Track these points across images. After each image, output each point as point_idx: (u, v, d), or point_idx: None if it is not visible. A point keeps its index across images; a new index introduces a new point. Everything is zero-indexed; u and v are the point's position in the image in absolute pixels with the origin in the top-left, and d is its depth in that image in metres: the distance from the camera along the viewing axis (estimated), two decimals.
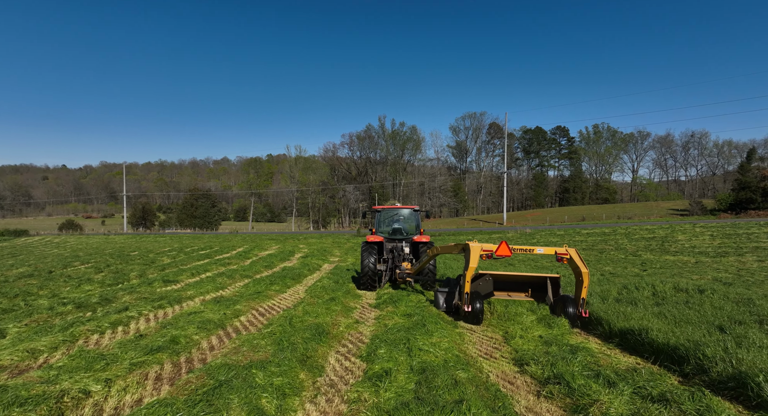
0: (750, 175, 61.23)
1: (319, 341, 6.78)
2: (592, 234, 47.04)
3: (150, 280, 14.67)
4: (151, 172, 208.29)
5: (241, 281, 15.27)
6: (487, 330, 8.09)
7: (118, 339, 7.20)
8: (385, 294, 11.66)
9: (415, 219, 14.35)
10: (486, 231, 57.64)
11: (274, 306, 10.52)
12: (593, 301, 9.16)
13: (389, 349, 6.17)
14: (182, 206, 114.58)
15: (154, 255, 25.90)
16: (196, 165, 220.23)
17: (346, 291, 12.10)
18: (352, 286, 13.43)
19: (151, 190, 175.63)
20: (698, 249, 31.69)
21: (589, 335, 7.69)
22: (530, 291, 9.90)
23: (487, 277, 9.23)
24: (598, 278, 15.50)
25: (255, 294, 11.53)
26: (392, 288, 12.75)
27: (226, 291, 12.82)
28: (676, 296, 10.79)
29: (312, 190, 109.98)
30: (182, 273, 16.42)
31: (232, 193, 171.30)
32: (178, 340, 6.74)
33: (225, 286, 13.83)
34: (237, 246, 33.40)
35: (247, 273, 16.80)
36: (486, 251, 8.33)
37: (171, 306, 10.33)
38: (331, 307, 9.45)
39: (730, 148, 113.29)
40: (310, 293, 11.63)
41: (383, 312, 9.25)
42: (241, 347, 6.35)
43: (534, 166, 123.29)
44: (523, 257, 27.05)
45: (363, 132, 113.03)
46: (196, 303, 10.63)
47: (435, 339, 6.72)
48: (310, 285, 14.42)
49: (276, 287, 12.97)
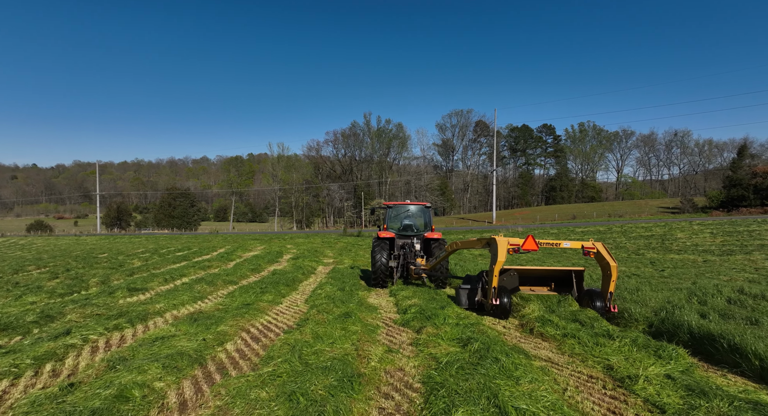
0: (741, 172, 60.75)
1: (350, 390, 4.39)
2: (587, 232, 45.88)
3: (112, 289, 11.98)
4: (128, 172, 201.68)
5: (225, 288, 12.72)
6: (575, 361, 5.80)
7: (33, 392, 4.62)
8: (407, 303, 9.36)
9: (426, 215, 14.18)
10: (476, 231, 56.01)
11: (270, 324, 8.03)
12: (680, 314, 7.10)
13: (468, 410, 3.84)
14: (159, 206, 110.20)
15: (124, 258, 23.01)
16: (174, 164, 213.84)
17: (358, 301, 9.67)
18: (362, 295, 11.00)
19: (128, 189, 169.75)
20: (701, 247, 30.36)
21: (723, 371, 5.51)
22: (553, 285, 9.78)
23: (512, 272, 9.17)
24: (635, 283, 13.40)
25: (243, 307, 9.04)
26: (404, 285, 12.47)
27: (205, 303, 10.29)
28: (760, 304, 8.83)
29: (295, 189, 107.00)
30: (153, 279, 13.76)
31: (212, 192, 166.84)
32: (128, 395, 4.25)
33: (204, 296, 11.26)
34: (218, 247, 30.57)
35: (231, 278, 14.23)
36: (513, 245, 8.15)
37: (132, 326, 7.76)
38: (347, 327, 7.05)
39: (711, 147, 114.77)
40: (313, 305, 9.21)
41: (421, 334, 6.85)
42: (230, 408, 3.94)
43: (520, 164, 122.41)
44: (524, 253, 25.23)
45: (348, 129, 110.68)
46: (166, 322, 8.09)
47: (525, 385, 4.43)
48: (309, 292, 11.98)
49: (269, 296, 10.49)
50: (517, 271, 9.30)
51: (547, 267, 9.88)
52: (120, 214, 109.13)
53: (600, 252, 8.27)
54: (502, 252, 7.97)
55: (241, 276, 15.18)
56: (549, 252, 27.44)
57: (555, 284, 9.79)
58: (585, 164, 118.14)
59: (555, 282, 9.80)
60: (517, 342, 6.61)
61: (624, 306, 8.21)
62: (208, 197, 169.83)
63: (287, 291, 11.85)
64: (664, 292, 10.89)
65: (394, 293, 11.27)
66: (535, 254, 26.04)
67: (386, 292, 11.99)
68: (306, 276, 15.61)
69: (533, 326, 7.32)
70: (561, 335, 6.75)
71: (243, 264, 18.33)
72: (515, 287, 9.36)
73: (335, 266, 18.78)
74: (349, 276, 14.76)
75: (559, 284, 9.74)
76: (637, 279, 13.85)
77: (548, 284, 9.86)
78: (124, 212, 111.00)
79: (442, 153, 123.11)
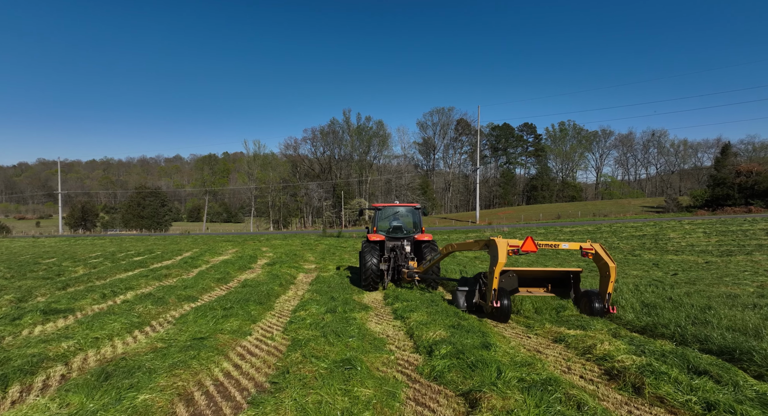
0: (725, 171, 60.27)
1: None
2: (576, 232, 44.35)
3: (24, 310, 8.88)
4: (96, 170, 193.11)
5: (178, 308, 9.79)
6: None
7: None
8: (427, 334, 6.70)
9: (416, 216, 14.01)
10: (461, 230, 53.99)
11: (228, 382, 5.15)
12: None
13: None
14: (128, 205, 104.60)
15: (69, 264, 19.65)
16: (146, 163, 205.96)
17: (358, 331, 6.90)
18: (360, 318, 8.20)
19: (96, 189, 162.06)
20: (698, 247, 28.86)
21: None
22: (549, 287, 9.65)
23: (511, 274, 9.13)
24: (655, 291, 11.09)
25: (193, 343, 6.18)
26: (397, 287, 12.23)
27: (143, 335, 7.38)
28: None
29: (272, 188, 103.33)
30: (88, 295, 10.71)
31: (185, 192, 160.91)
32: None
33: (145, 322, 8.30)
34: (185, 250, 27.30)
35: (189, 292, 11.29)
36: (512, 247, 8.00)
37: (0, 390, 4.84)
38: (353, 390, 4.31)
39: (686, 147, 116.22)
40: (295, 340, 6.43)
41: (478, 408, 4.16)
42: None
43: (502, 163, 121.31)
44: (523, 255, 22.98)
45: (327, 126, 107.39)
46: (60, 381, 5.20)
47: None
48: (288, 313, 9.19)
49: (233, 323, 7.66)
50: (516, 273, 9.20)
51: (544, 269, 9.74)
52: (85, 215, 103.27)
53: (598, 253, 8.24)
54: (502, 254, 7.80)
55: (204, 288, 12.24)
56: (542, 253, 25.34)
57: (551, 285, 9.61)
58: (565, 164, 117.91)
59: (551, 284, 9.62)
60: None
61: (728, 340, 5.76)
62: (182, 197, 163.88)
63: (259, 313, 9.00)
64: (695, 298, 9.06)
65: (399, 314, 8.64)
66: (528, 255, 23.98)
67: (389, 312, 9.30)
68: (284, 287, 12.77)
69: (639, 382, 4.77)
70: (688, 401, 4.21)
71: (208, 273, 15.34)
72: (514, 288, 9.25)
73: (318, 274, 15.96)
74: (338, 287, 12.01)
75: (555, 285, 9.56)
76: (680, 290, 11.51)
77: (545, 285, 9.68)
78: (90, 212, 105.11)
79: (423, 152, 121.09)
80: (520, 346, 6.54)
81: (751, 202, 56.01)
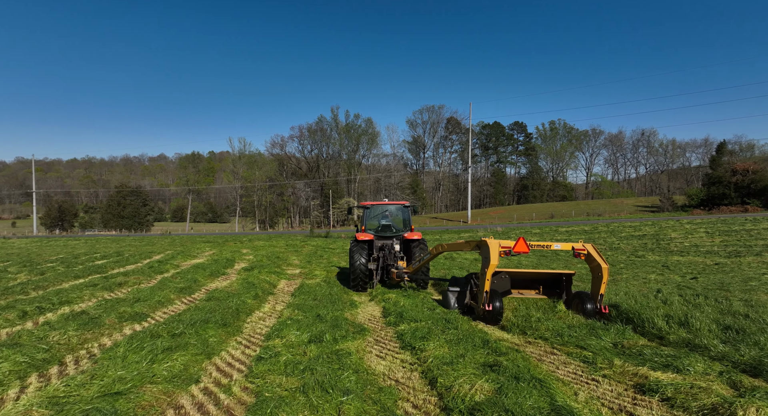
0: (721, 170, 59.19)
1: None
2: (572, 232, 42.69)
3: None
4: (77, 169, 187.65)
5: (113, 334, 7.40)
6: None
7: None
8: (460, 389, 4.53)
9: (405, 215, 13.82)
10: (453, 230, 52.15)
11: None
12: None
13: None
14: (107, 205, 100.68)
15: (17, 268, 17.07)
16: (129, 162, 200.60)
17: (356, 379, 4.66)
18: (354, 351, 5.94)
19: (77, 188, 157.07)
20: (703, 248, 27.16)
21: None
22: (541, 289, 9.53)
23: (503, 275, 9.04)
24: (705, 301, 9.05)
25: (93, 412, 3.92)
26: (384, 288, 11.90)
27: (34, 386, 5.03)
28: None
29: (258, 187, 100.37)
30: (2, 312, 8.32)
31: (169, 191, 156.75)
32: None
33: (55, 358, 5.84)
34: (157, 252, 24.75)
35: (139, 308, 8.93)
36: (504, 248, 7.81)
37: None
38: None
39: (674, 147, 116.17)
40: (260, 396, 4.19)
41: None
42: None
43: (492, 162, 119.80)
44: (515, 256, 20.99)
45: (315, 124, 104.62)
46: None
47: None
48: (260, 339, 6.92)
49: (178, 359, 5.37)
50: (509, 274, 9.14)
51: (536, 270, 9.66)
52: (62, 214, 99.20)
53: (591, 253, 8.23)
54: (494, 256, 7.72)
55: (160, 302, 9.88)
56: (542, 255, 23.45)
57: (543, 287, 9.54)
58: (556, 163, 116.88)
59: (543, 285, 9.56)
60: None
61: None
62: (166, 196, 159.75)
63: (220, 341, 6.68)
64: None
65: (408, 342, 6.44)
66: (528, 257, 22.12)
67: (394, 337, 7.07)
68: (260, 300, 10.45)
69: None
70: None
71: (172, 280, 12.95)
72: (507, 290, 9.18)
73: (303, 281, 13.65)
74: (326, 300, 9.75)
75: (547, 287, 9.48)
76: (734, 301, 9.46)
77: (536, 287, 9.60)
78: (67, 212, 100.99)
79: (413, 150, 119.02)
80: (595, 403, 4.38)
81: (747, 201, 55.01)
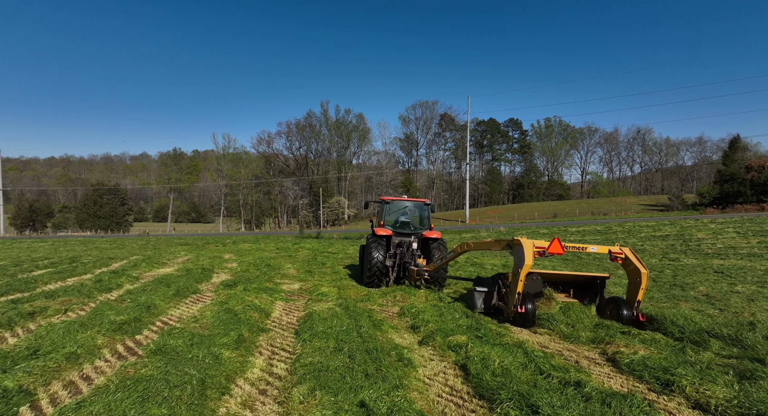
0: (734, 166, 56.39)
1: None
2: (585, 232, 39.17)
3: None
4: (55, 168, 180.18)
5: None
6: None
7: None
8: None
9: (424, 213, 13.49)
10: (453, 231, 48.46)
11: None
12: None
13: None
14: (83, 204, 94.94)
15: None
16: (109, 160, 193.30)
17: None
18: None
19: (54, 187, 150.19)
20: (741, 250, 23.67)
21: None
22: (572, 292, 9.17)
23: (535, 276, 8.76)
24: None
25: None
26: (398, 285, 11.63)
27: None
28: None
29: (243, 186, 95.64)
30: None
31: (150, 190, 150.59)
32: None
33: None
34: (119, 258, 20.41)
35: (11, 382, 4.86)
36: (539, 248, 7.59)
37: None
38: None
39: (669, 146, 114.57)
40: None
41: None
42: None
43: (487, 160, 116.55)
44: (549, 257, 17.20)
45: (303, 119, 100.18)
46: None
47: None
48: None
49: None
50: (540, 275, 8.84)
51: (569, 272, 9.28)
52: (34, 214, 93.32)
53: (629, 257, 7.93)
54: (528, 256, 7.43)
55: (69, 358, 5.72)
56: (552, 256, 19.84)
57: (574, 291, 9.15)
58: (551, 161, 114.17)
59: (574, 289, 9.16)
60: None
61: None
62: (147, 196, 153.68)
63: None
64: None
65: None
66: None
67: None
68: (245, 349, 6.30)
69: None
70: None
71: (115, 307, 8.79)
72: (539, 292, 8.73)
73: (308, 304, 9.54)
74: (358, 350, 5.67)
75: (579, 290, 9.09)
76: None
77: (567, 291, 9.21)
78: (40, 211, 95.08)
79: (405, 148, 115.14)
80: None
81: (764, 199, 52.20)
